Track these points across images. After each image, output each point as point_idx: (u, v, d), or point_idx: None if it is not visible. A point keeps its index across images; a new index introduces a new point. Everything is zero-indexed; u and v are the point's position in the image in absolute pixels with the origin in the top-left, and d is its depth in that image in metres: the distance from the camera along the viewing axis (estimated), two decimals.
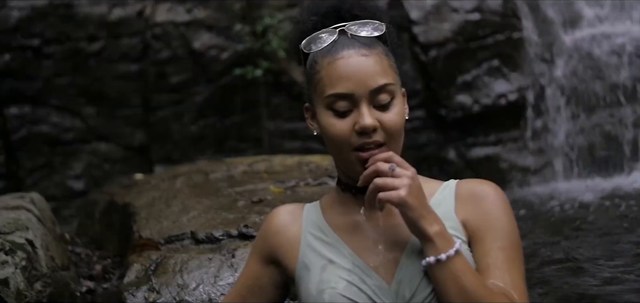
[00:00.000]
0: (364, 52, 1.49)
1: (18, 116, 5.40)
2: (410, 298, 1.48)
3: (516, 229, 1.54)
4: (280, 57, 5.40)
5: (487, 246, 1.50)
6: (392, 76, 1.51)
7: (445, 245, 1.44)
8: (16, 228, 2.64)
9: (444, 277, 1.44)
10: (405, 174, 1.46)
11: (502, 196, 1.56)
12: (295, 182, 3.23)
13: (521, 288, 1.49)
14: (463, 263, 1.45)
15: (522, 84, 5.50)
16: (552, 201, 4.90)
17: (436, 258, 1.44)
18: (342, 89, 1.48)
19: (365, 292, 1.49)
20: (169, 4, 5.59)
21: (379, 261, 1.51)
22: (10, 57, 5.38)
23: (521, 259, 1.53)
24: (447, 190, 1.57)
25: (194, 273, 2.39)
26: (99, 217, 3.63)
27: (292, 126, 5.60)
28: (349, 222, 1.56)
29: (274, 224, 1.62)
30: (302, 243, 1.57)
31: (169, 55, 5.51)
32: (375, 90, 1.48)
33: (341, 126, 1.49)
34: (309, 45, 1.53)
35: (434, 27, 5.52)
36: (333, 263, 1.53)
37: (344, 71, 1.48)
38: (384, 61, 1.51)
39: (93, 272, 2.97)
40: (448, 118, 5.46)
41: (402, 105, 1.54)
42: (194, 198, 3.04)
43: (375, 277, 1.50)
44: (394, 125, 1.50)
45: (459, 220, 1.53)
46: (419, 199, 1.46)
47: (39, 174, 5.43)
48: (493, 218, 1.52)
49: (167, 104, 5.54)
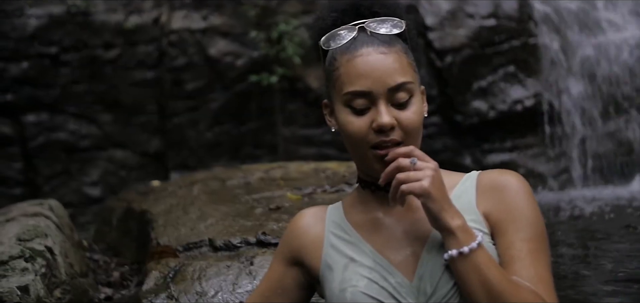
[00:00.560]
0: (383, 50, 1.49)
1: (36, 123, 5.44)
2: (431, 293, 1.47)
3: (540, 219, 1.51)
4: (295, 64, 5.41)
5: (510, 238, 1.48)
6: (410, 74, 1.51)
7: (467, 238, 1.43)
8: (36, 235, 2.65)
9: (467, 270, 1.43)
10: (427, 167, 1.46)
11: (524, 185, 1.52)
12: (312, 189, 3.22)
13: (547, 281, 1.46)
14: (485, 256, 1.43)
15: (539, 90, 5.47)
16: (569, 207, 4.86)
17: (458, 251, 1.43)
18: (360, 87, 1.48)
19: (387, 289, 1.49)
20: (184, 11, 5.62)
21: (400, 257, 1.51)
22: (28, 65, 5.42)
23: (546, 250, 1.49)
24: (469, 182, 1.55)
25: (213, 280, 2.39)
26: (116, 224, 3.64)
27: (308, 133, 5.61)
28: (369, 220, 1.56)
29: (298, 226, 1.63)
30: (325, 243, 1.58)
31: (184, 62, 5.53)
32: (394, 88, 1.48)
33: (359, 123, 1.49)
34: (328, 42, 1.54)
35: (450, 33, 5.51)
36: (355, 262, 1.53)
37: (362, 68, 1.48)
38: (402, 58, 1.50)
39: (111, 279, 2.98)
40: (464, 123, 5.44)
41: (421, 103, 1.53)
42: (211, 205, 3.05)
43: (396, 273, 1.50)
44: (411, 123, 1.49)
45: (480, 212, 1.51)
46: (441, 191, 1.45)
47: (56, 181, 5.47)
48: (515, 208, 1.49)
49: (183, 111, 5.56)
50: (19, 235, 2.61)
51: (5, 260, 2.40)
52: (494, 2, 5.57)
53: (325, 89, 1.58)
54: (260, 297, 1.65)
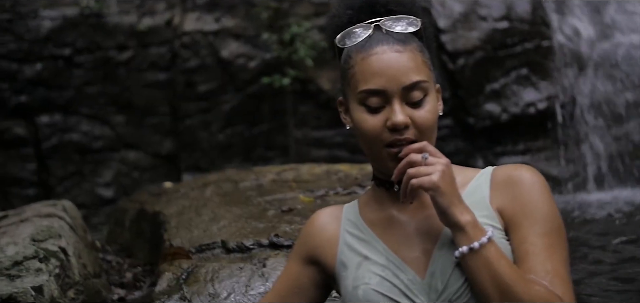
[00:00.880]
0: (398, 48, 1.49)
1: (49, 124, 5.47)
2: (442, 290, 1.47)
3: (556, 214, 1.48)
4: (307, 66, 5.42)
5: (525, 233, 1.46)
6: (425, 73, 1.50)
7: (477, 233, 1.42)
8: (49, 235, 2.67)
9: (477, 266, 1.42)
10: (438, 162, 1.45)
11: (539, 180, 1.50)
12: (324, 191, 3.22)
13: (562, 276, 1.43)
14: (496, 252, 1.42)
15: (552, 93, 5.45)
16: (582, 211, 4.84)
17: (469, 247, 1.42)
18: (375, 86, 1.48)
19: (398, 287, 1.49)
20: (197, 13, 5.63)
21: (413, 255, 1.51)
22: (42, 67, 5.45)
23: (563, 245, 1.47)
24: (483, 178, 1.54)
25: (225, 282, 2.39)
26: (129, 225, 3.65)
27: (319, 135, 5.61)
28: (383, 217, 1.56)
29: (314, 225, 1.64)
30: (340, 242, 1.58)
31: (197, 64, 5.55)
32: (408, 87, 1.48)
33: (373, 122, 1.48)
34: (343, 40, 1.54)
35: (462, 35, 5.50)
36: (368, 260, 1.53)
37: (377, 67, 1.48)
38: (417, 57, 1.50)
39: (124, 280, 2.99)
40: (476, 126, 5.43)
41: (435, 102, 1.52)
42: (224, 206, 3.05)
43: (408, 270, 1.50)
44: (425, 122, 1.49)
45: (493, 208, 1.50)
46: (451, 187, 1.44)
47: (69, 182, 5.50)
48: (529, 203, 1.47)
49: (195, 112, 5.57)
50: (33, 236, 2.62)
51: (20, 261, 2.41)
52: (507, 4, 5.55)
53: (340, 87, 1.58)
54: (276, 296, 1.65)
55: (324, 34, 1.64)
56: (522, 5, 5.56)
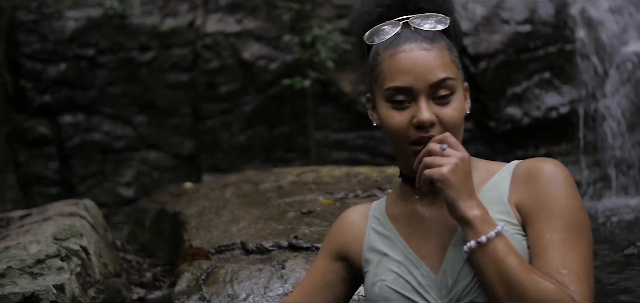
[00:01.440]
0: (426, 46, 1.48)
1: (72, 124, 5.52)
2: (452, 286, 1.46)
3: (577, 208, 1.44)
4: (328, 68, 5.42)
5: (541, 228, 1.42)
6: (452, 71, 1.49)
7: (485, 227, 1.40)
8: (71, 234, 2.69)
9: (485, 261, 1.39)
10: (453, 154, 1.44)
11: (560, 173, 1.46)
12: (344, 193, 3.22)
13: (579, 273, 1.37)
14: (505, 246, 1.39)
15: (574, 97, 5.40)
16: (604, 216, 4.79)
17: (477, 241, 1.40)
18: (401, 83, 1.48)
19: (411, 284, 1.50)
20: (219, 15, 5.66)
21: (430, 250, 1.51)
22: (66, 67, 5.51)
23: (584, 241, 1.41)
24: (505, 172, 1.52)
25: (244, 283, 2.39)
26: (149, 225, 3.67)
27: (340, 137, 5.60)
28: (407, 213, 1.57)
29: (343, 222, 1.66)
30: (365, 239, 1.60)
31: (218, 65, 5.57)
32: (435, 84, 1.47)
33: (399, 119, 1.49)
34: (372, 37, 1.54)
35: (484, 38, 5.47)
36: (386, 256, 1.55)
37: (404, 64, 1.48)
38: (445, 55, 1.49)
39: (144, 279, 3.01)
40: (497, 130, 5.40)
41: (462, 100, 1.52)
42: (244, 208, 3.06)
43: (423, 267, 1.50)
44: (451, 120, 1.48)
45: (512, 203, 1.47)
46: (463, 181, 1.42)
47: (91, 181, 5.54)
48: (548, 197, 1.43)
49: (216, 113, 5.59)
50: (55, 234, 2.65)
51: (42, 259, 2.43)
52: (530, 7, 5.51)
53: (368, 84, 1.58)
54: (303, 292, 1.65)
55: (353, 31, 1.64)
56: (545, 8, 5.52)
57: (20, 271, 2.33)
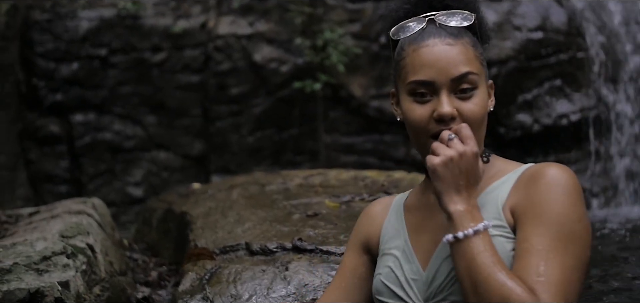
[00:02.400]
0: (449, 42, 1.49)
1: (83, 123, 5.56)
2: (431, 282, 1.47)
3: (575, 219, 1.39)
4: (339, 72, 5.43)
5: (528, 232, 1.39)
6: (476, 66, 1.50)
7: (465, 223, 1.39)
8: (78, 232, 2.71)
9: (458, 257, 1.39)
10: (455, 147, 1.42)
11: (562, 178, 1.42)
12: (350, 197, 3.22)
13: (556, 283, 1.33)
14: (481, 244, 1.37)
15: (585, 105, 5.39)
16: (614, 224, 4.76)
17: (454, 235, 1.40)
18: (424, 77, 1.48)
19: (399, 279, 1.52)
20: (231, 17, 5.68)
21: (424, 245, 1.52)
22: (78, 66, 5.55)
23: (572, 252, 1.37)
24: (514, 175, 1.50)
25: (248, 284, 2.40)
26: (156, 224, 3.69)
27: (349, 140, 5.61)
28: (420, 205, 1.59)
29: (367, 214, 1.70)
30: (382, 230, 1.63)
31: (229, 67, 5.60)
32: (457, 78, 1.47)
33: (420, 112, 1.49)
34: (398, 32, 1.56)
35: (496, 44, 5.46)
36: (389, 250, 1.57)
37: (426, 58, 1.48)
38: (469, 50, 1.49)
39: (149, 279, 3.03)
40: (507, 136, 5.38)
41: (485, 96, 1.51)
42: (250, 209, 3.07)
43: (415, 262, 1.52)
44: (472, 115, 1.48)
45: (508, 205, 1.45)
46: (454, 175, 1.41)
47: (101, 180, 5.58)
48: (542, 201, 1.40)
49: (226, 115, 5.62)
50: (62, 232, 2.67)
51: (48, 256, 2.45)
52: (542, 15, 5.50)
53: (393, 79, 1.59)
54: (338, 290, 1.66)
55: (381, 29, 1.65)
56: (557, 15, 5.50)
57: (26, 267, 2.35)
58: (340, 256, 2.52)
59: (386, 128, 5.51)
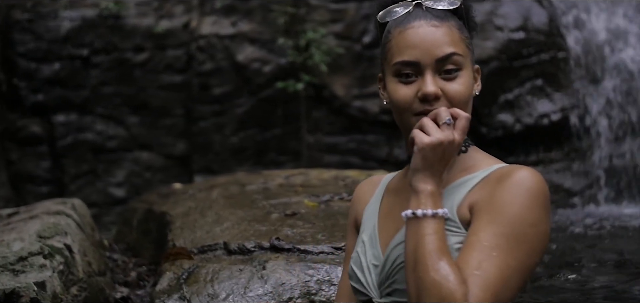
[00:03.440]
0: (435, 23, 1.50)
1: (64, 123, 5.54)
2: (383, 267, 1.49)
3: (530, 223, 1.38)
4: (322, 71, 5.44)
5: (479, 226, 1.39)
6: (461, 48, 1.50)
7: (428, 204, 1.39)
8: (56, 233, 2.70)
9: (411, 233, 1.39)
10: (446, 132, 1.42)
11: (528, 182, 1.41)
12: (330, 196, 3.23)
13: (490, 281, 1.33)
14: (433, 227, 1.38)
15: (566, 104, 5.42)
16: (593, 223, 4.81)
17: (413, 211, 1.40)
18: (409, 57, 1.49)
19: (363, 264, 1.54)
20: (214, 17, 5.68)
21: (389, 230, 1.54)
22: (60, 66, 5.53)
23: (517, 255, 1.36)
24: (482, 174, 1.49)
25: (225, 283, 2.41)
26: (137, 225, 3.69)
27: (332, 140, 5.62)
28: (398, 187, 1.60)
29: (355, 195, 1.72)
30: (364, 213, 1.65)
31: (212, 67, 5.59)
32: (441, 59, 1.48)
33: (405, 91, 1.50)
34: (385, 16, 1.57)
35: (477, 44, 5.44)
36: (363, 232, 1.60)
37: (412, 39, 1.50)
38: (454, 33, 1.50)
39: (128, 279, 3.03)
40: (489, 136, 5.41)
41: (471, 78, 1.52)
42: (229, 209, 3.08)
43: (377, 247, 1.54)
44: (457, 95, 1.48)
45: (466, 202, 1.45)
46: (436, 160, 1.41)
47: (83, 180, 5.56)
48: (499, 199, 1.40)
49: (209, 115, 5.61)
50: (40, 232, 2.66)
51: (25, 256, 2.45)
52: (524, 15, 5.53)
53: (380, 63, 1.61)
54: (345, 276, 1.68)
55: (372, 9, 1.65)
56: (539, 16, 5.54)
57: (2, 268, 2.35)
58: (317, 255, 2.53)
59: (369, 128, 5.53)
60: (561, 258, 3.65)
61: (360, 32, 5.64)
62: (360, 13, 5.61)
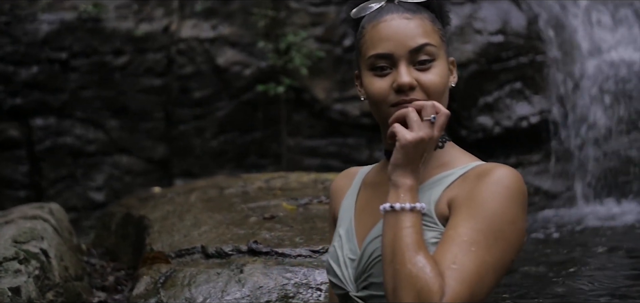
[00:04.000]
0: (407, 16, 1.52)
1: (43, 127, 5.50)
2: (360, 261, 1.50)
3: (508, 221, 1.40)
4: (302, 75, 5.44)
5: (458, 220, 1.40)
6: (434, 39, 1.51)
7: (406, 198, 1.41)
8: (32, 237, 2.69)
9: (388, 226, 1.40)
10: (428, 129, 1.43)
11: (507, 180, 1.42)
12: (308, 199, 3.23)
13: (467, 275, 1.34)
14: (413, 221, 1.39)
15: (545, 107, 5.46)
16: (572, 224, 4.85)
17: (391, 205, 1.41)
18: (382, 49, 1.51)
19: (339, 258, 1.55)
20: (194, 20, 5.66)
21: (366, 224, 1.54)
22: (38, 70, 5.49)
23: (494, 252, 1.38)
24: (460, 170, 1.50)
25: (202, 287, 2.40)
26: (115, 229, 3.67)
27: (312, 143, 5.62)
28: (375, 182, 1.60)
29: (332, 189, 1.73)
30: (341, 207, 1.65)
31: (192, 70, 5.58)
32: (415, 50, 1.50)
33: (380, 84, 1.51)
34: (358, 13, 1.59)
35: (457, 48, 5.51)
36: (339, 227, 1.61)
37: (385, 32, 1.51)
38: (427, 24, 1.52)
39: (106, 283, 3.01)
40: (468, 139, 5.44)
41: (445, 69, 1.53)
42: (207, 212, 3.07)
43: (353, 242, 1.55)
44: (432, 85, 1.49)
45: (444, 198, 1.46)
46: (416, 157, 1.43)
47: (62, 184, 5.52)
48: (478, 196, 1.41)
49: (189, 118, 5.60)
50: (15, 237, 2.65)
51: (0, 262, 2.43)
52: (503, 19, 5.57)
53: (356, 61, 1.62)
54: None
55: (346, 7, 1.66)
56: (517, 19, 5.58)
57: None
58: (295, 259, 2.53)
59: (349, 131, 5.54)
60: (541, 258, 3.68)
61: (341, 35, 5.65)
62: (340, 16, 5.62)
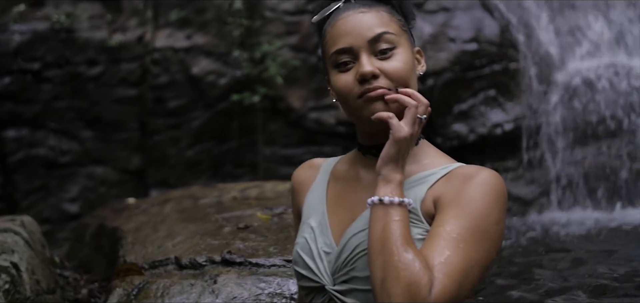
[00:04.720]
0: (363, 10, 1.56)
1: (16, 138, 5.44)
2: (339, 254, 1.51)
3: (493, 221, 1.44)
4: (277, 83, 5.44)
5: (445, 217, 1.44)
6: (393, 28, 1.55)
7: (395, 192, 1.44)
8: (2, 251, 2.65)
9: (376, 218, 1.43)
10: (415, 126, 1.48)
11: (491, 182, 1.47)
12: (283, 209, 3.23)
13: (454, 272, 1.38)
14: (401, 216, 1.42)
15: (518, 114, 5.51)
16: (546, 231, 4.88)
17: (380, 198, 1.44)
18: (342, 44, 1.55)
19: (312, 251, 1.55)
20: (168, 30, 5.64)
21: (341, 219, 1.56)
22: (10, 80, 5.43)
23: (480, 250, 1.42)
24: (442, 170, 1.53)
25: (176, 298, 2.39)
26: (89, 240, 3.64)
27: (288, 152, 5.62)
28: (347, 175, 1.62)
29: (294, 182, 1.74)
30: (306, 199, 1.65)
31: (167, 80, 5.55)
32: (373, 39, 1.53)
33: (345, 78, 1.54)
34: (318, 17, 1.63)
35: (431, 56, 5.55)
36: (308, 220, 1.61)
37: (343, 28, 1.55)
38: (384, 15, 1.56)
39: (79, 296, 2.98)
40: (443, 146, 5.47)
41: (409, 56, 1.55)
42: (181, 223, 3.06)
43: (328, 235, 1.55)
44: (396, 72, 1.52)
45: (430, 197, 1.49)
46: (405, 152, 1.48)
47: (35, 196, 5.46)
48: (466, 195, 1.45)
49: (164, 128, 5.57)
50: None
51: None
52: (476, 27, 5.61)
53: (322, 65, 1.64)
54: None
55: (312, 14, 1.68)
56: (490, 27, 5.63)
57: None
58: (269, 268, 2.53)
59: (325, 140, 5.54)
60: (518, 266, 3.70)
61: (316, 44, 5.66)
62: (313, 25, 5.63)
